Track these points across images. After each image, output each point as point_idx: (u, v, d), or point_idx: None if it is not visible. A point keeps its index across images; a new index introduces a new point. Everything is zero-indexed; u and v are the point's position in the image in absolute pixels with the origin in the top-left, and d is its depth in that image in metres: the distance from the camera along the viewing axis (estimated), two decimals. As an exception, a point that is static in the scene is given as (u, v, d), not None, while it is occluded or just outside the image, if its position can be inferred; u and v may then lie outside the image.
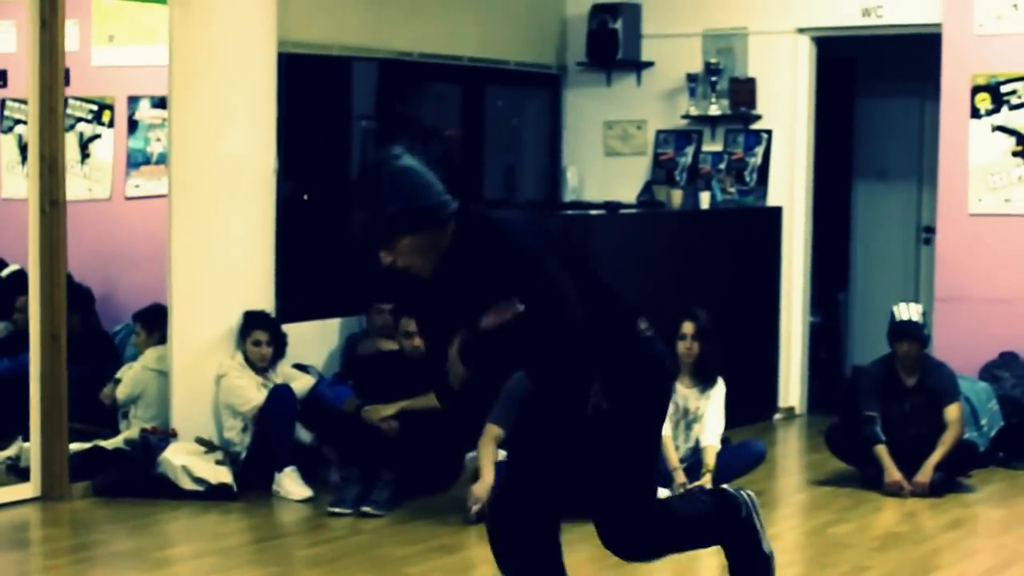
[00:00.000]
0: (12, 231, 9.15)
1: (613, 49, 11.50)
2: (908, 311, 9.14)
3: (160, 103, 9.93)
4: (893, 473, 8.79)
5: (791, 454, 10.66)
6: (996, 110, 10.45)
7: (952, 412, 8.96)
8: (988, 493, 8.96)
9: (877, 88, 12.23)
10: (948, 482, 8.86)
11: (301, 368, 9.26)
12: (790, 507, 8.90)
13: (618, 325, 4.90)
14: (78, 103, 10.47)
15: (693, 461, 8.48)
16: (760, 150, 11.36)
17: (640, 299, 9.55)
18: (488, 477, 7.88)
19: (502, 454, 8.16)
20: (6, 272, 10.29)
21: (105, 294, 10.24)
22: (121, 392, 9.17)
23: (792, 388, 11.58)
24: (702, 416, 8.55)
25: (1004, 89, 10.42)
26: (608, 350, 4.79)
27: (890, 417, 8.96)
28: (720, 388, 8.60)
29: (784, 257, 11.41)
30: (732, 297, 10.63)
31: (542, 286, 4.62)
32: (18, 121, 10.36)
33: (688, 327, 8.55)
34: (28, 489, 8.41)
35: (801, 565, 7.60)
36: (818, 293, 11.81)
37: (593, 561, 6.60)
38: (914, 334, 9.02)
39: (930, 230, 11.49)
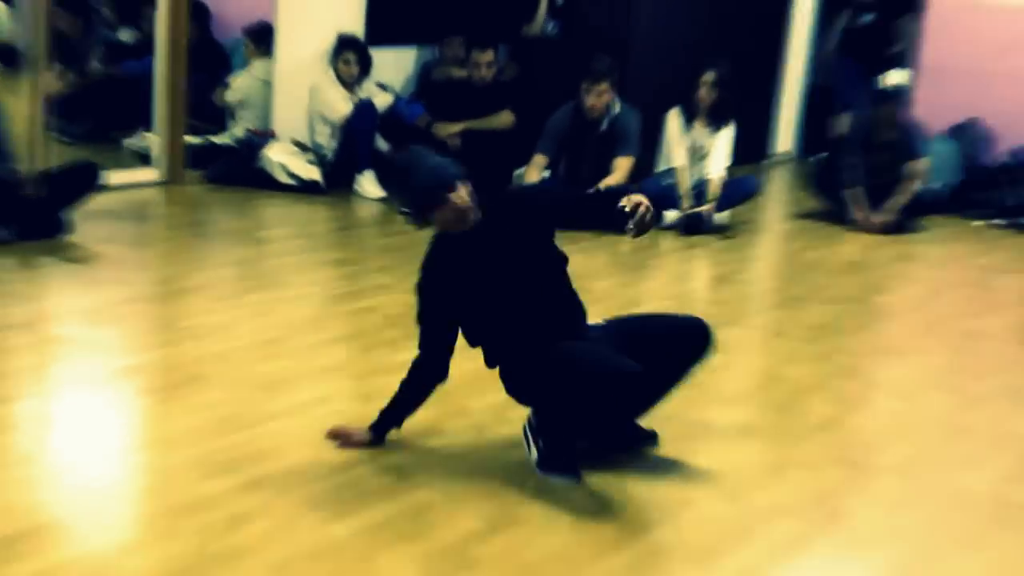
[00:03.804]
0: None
1: None
2: (894, 76, 9.12)
3: None
4: (861, 211, 8.88)
5: (780, 190, 10.71)
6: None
7: (918, 165, 8.99)
8: (935, 235, 9.06)
9: None
10: (906, 223, 8.95)
11: (382, 87, 9.26)
12: (773, 234, 9.02)
13: None
14: None
15: (700, 189, 8.56)
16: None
17: (676, 54, 9.57)
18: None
19: (545, 174, 8.31)
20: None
21: (220, 11, 10.11)
22: (231, 96, 9.24)
23: (788, 135, 11.60)
24: (710, 152, 8.58)
25: None
26: None
27: (867, 165, 8.97)
28: (729, 130, 8.60)
29: (793, 28, 11.35)
30: (747, 60, 10.48)
31: None
32: None
33: (708, 76, 8.50)
34: (152, 173, 8.58)
35: (777, 280, 7.81)
36: (817, 57, 11.71)
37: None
38: (896, 96, 8.99)
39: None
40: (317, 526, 3.94)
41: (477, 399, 5.05)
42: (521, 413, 4.56)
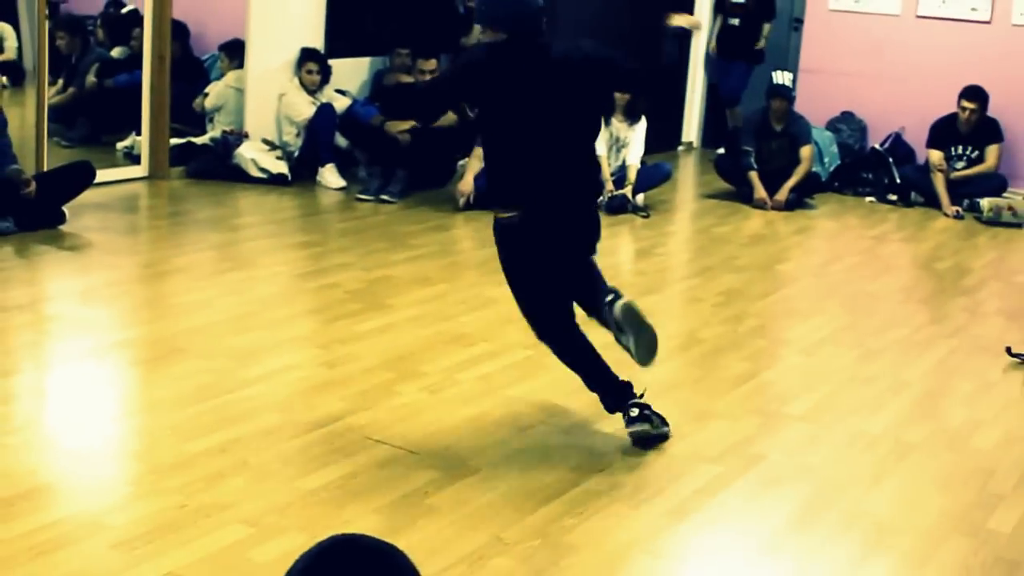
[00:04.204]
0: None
1: None
2: (782, 77, 9.05)
3: None
4: (760, 192, 8.79)
5: (689, 175, 10.64)
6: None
7: (805, 152, 8.93)
8: (825, 210, 8.97)
9: None
10: (798, 201, 8.88)
11: (341, 92, 9.13)
12: (685, 212, 8.92)
13: None
14: None
15: (620, 175, 8.46)
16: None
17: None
18: (468, 179, 7.90)
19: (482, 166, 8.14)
20: (125, 10, 10.06)
21: (198, 31, 9.95)
22: (208, 103, 9.04)
23: (693, 127, 11.51)
24: (628, 143, 8.49)
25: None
26: None
27: (761, 152, 8.91)
28: (643, 123, 8.51)
29: (694, 39, 11.22)
30: (656, 61, 10.37)
31: None
32: None
33: (623, 78, 8.41)
34: (139, 170, 8.35)
35: (691, 253, 7.70)
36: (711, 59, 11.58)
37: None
38: (784, 93, 8.94)
39: (799, 21, 11.25)
40: (289, 481, 3.79)
41: (429, 364, 4.91)
42: (471, 375, 4.39)
